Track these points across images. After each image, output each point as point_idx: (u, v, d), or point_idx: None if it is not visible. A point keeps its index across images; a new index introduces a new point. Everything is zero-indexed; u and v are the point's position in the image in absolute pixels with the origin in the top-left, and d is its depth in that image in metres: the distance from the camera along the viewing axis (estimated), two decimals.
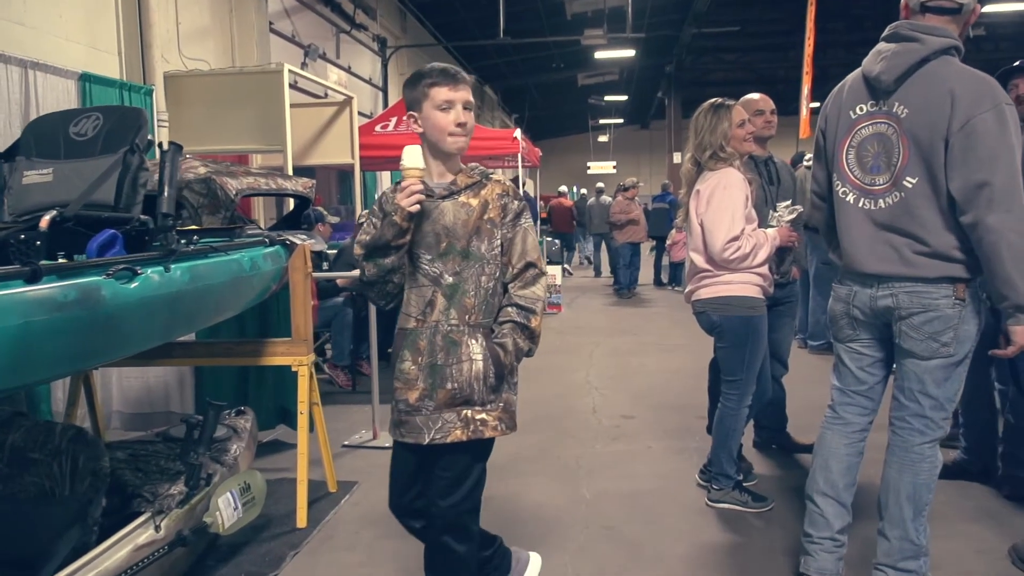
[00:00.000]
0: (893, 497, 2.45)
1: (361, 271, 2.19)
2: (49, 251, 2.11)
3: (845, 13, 17.08)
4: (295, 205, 4.38)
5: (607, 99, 23.91)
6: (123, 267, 2.16)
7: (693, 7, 15.23)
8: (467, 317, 2.11)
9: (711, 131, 3.25)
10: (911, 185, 2.32)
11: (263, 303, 3.76)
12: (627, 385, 5.80)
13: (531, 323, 2.15)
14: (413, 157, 2.04)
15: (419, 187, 2.04)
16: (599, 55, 16.50)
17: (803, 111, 10.52)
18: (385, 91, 12.94)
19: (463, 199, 2.14)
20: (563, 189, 16.58)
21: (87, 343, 2.08)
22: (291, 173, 5.27)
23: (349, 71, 11.28)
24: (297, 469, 3.32)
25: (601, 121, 28.40)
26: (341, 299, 5.86)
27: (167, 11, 6.31)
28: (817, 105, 3.88)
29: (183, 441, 2.81)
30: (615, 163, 27.74)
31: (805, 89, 10.43)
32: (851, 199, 2.48)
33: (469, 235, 2.12)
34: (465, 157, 2.27)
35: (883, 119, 2.38)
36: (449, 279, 2.12)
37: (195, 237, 2.82)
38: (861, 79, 2.47)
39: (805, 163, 6.76)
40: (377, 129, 8.47)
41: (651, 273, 12.87)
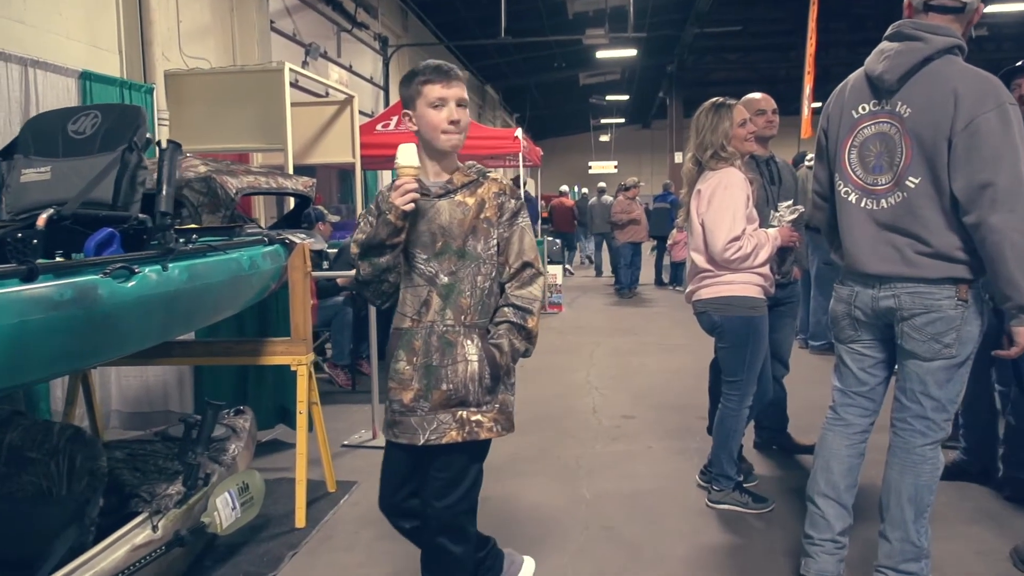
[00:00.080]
0: (894, 499, 2.43)
1: (357, 270, 2.18)
2: (47, 250, 2.10)
3: (847, 13, 17.08)
4: (295, 204, 4.38)
5: (608, 99, 23.89)
6: (120, 266, 2.15)
7: (695, 6, 15.20)
8: (463, 317, 2.10)
9: (712, 130, 3.24)
10: (914, 185, 2.30)
11: (262, 302, 3.75)
12: (628, 385, 5.78)
13: (528, 323, 2.13)
14: (408, 155, 2.03)
15: (413, 185, 2.03)
16: (600, 55, 16.49)
17: (805, 111, 10.52)
18: (386, 90, 12.93)
19: (459, 198, 2.13)
20: (564, 189, 16.57)
21: (84, 342, 2.07)
22: (292, 172, 5.27)
23: (350, 70, 11.27)
24: (296, 469, 3.32)
25: (603, 121, 28.37)
26: (341, 298, 5.85)
27: (168, 9, 6.30)
28: (819, 105, 3.86)
29: (181, 441, 2.80)
30: (616, 163, 27.72)
31: (807, 89, 10.43)
32: (853, 199, 2.46)
33: (465, 234, 2.10)
34: (466, 156, 2.26)
35: (886, 118, 2.37)
36: (445, 279, 2.11)
37: (194, 236, 2.81)
38: (864, 78, 2.45)
39: (807, 163, 6.75)
40: (378, 128, 8.48)
41: (652, 273, 12.86)
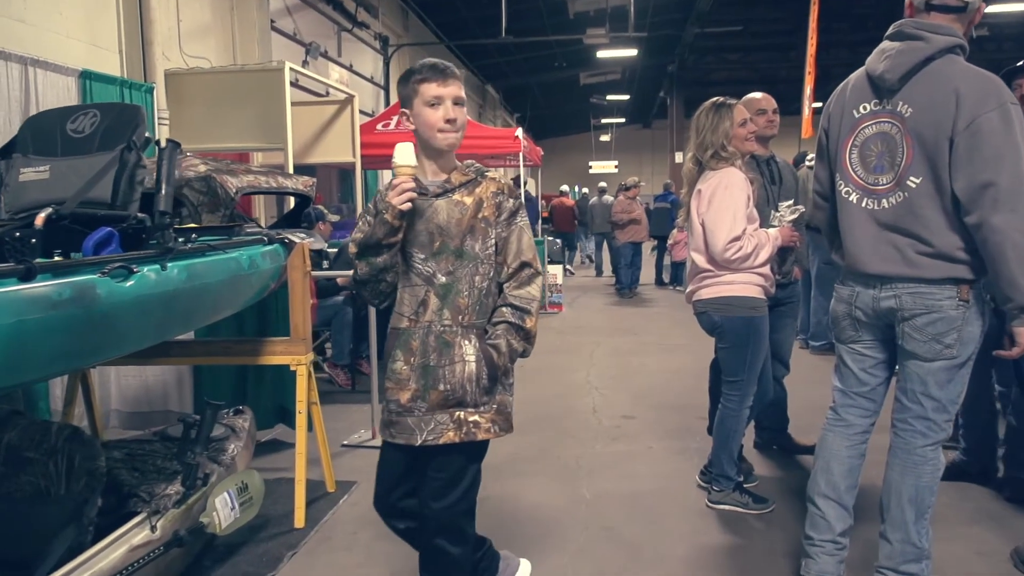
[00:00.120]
0: (895, 500, 2.43)
1: (354, 269, 2.17)
2: (45, 249, 2.10)
3: (848, 13, 17.07)
4: (295, 204, 4.37)
5: (609, 98, 23.89)
6: (119, 265, 2.14)
7: (696, 6, 15.19)
8: (460, 317, 2.09)
9: (713, 130, 3.23)
10: (915, 185, 2.29)
11: (262, 302, 3.74)
12: (628, 385, 5.77)
13: (526, 324, 2.12)
14: (405, 154, 2.02)
15: (410, 185, 2.02)
16: (601, 54, 16.49)
17: (805, 111, 10.53)
18: (387, 90, 12.93)
19: (457, 197, 2.12)
20: (565, 188, 16.57)
21: (82, 342, 2.07)
22: (292, 171, 5.27)
23: (351, 69, 11.27)
24: (295, 469, 3.31)
25: (603, 120, 28.35)
26: (341, 298, 5.84)
27: (168, 8, 6.30)
28: (819, 105, 3.86)
29: (180, 440, 2.80)
30: (617, 163, 27.73)
31: (807, 89, 10.43)
32: (854, 199, 2.45)
33: (463, 234, 2.09)
34: (466, 156, 2.25)
35: (887, 118, 2.36)
36: (442, 279, 2.09)
37: (193, 235, 2.81)
38: (865, 78, 2.44)
39: (807, 163, 6.74)
40: (379, 128, 8.48)
41: (652, 273, 12.86)
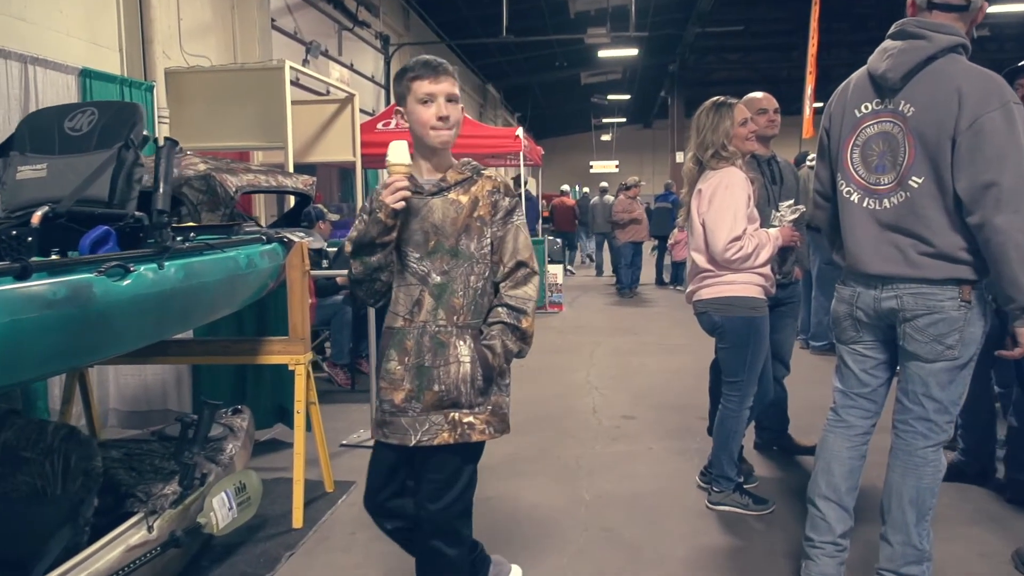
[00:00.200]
0: (896, 501, 2.41)
1: (349, 268, 2.16)
2: (42, 247, 2.09)
3: (849, 13, 17.05)
4: (295, 203, 4.37)
5: (610, 98, 23.88)
6: (116, 264, 2.13)
7: (697, 6, 15.18)
8: (455, 318, 2.07)
9: (713, 130, 3.22)
10: (917, 185, 2.28)
11: (261, 301, 3.73)
12: (628, 385, 5.76)
13: (522, 324, 2.10)
14: (399, 153, 2.00)
15: (404, 184, 2.00)
16: (602, 54, 16.49)
17: (806, 110, 10.51)
18: (387, 89, 12.92)
19: (452, 196, 2.09)
20: (565, 188, 16.55)
21: (78, 341, 2.05)
22: (292, 170, 5.26)
23: (351, 68, 11.26)
24: (294, 469, 3.30)
25: (604, 120, 28.35)
26: (340, 297, 5.83)
27: (168, 7, 6.29)
28: (820, 105, 3.84)
29: (178, 440, 2.78)
30: (618, 162, 27.70)
31: (808, 89, 10.41)
32: (855, 199, 2.44)
33: (458, 233, 2.07)
34: (467, 155, 2.24)
35: (889, 117, 2.34)
36: (437, 278, 2.07)
37: (191, 234, 2.79)
38: (867, 77, 2.43)
39: (808, 163, 6.73)
40: (379, 127, 8.48)
41: (653, 273, 12.85)
